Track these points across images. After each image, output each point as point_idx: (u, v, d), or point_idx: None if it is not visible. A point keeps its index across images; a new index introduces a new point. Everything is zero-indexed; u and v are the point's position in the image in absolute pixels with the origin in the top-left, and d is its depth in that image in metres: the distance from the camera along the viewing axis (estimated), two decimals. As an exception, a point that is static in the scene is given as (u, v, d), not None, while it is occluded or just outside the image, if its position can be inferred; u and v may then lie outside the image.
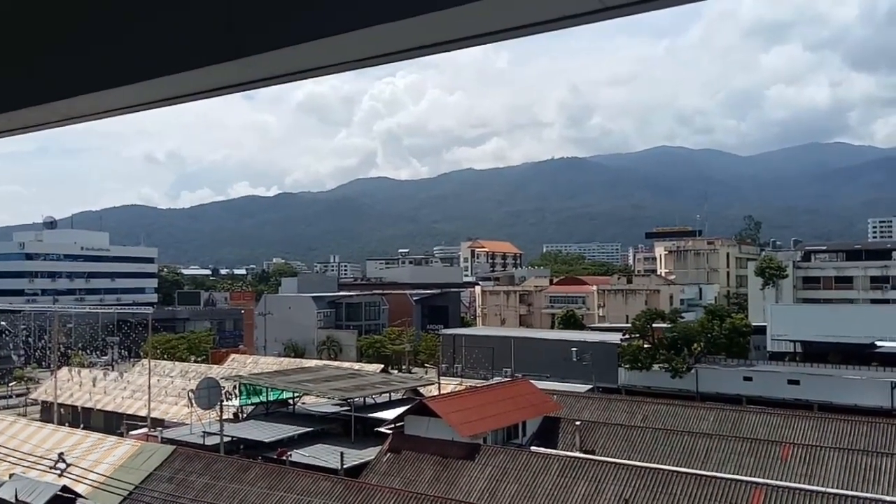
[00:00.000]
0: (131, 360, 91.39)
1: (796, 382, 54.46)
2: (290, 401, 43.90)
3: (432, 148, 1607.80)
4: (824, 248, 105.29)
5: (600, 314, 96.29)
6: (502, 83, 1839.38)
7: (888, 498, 26.25)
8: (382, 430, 35.91)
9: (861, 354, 58.86)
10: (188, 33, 2.33)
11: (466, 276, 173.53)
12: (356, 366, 61.38)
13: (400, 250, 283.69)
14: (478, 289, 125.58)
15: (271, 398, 43.51)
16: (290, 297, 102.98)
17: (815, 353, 62.06)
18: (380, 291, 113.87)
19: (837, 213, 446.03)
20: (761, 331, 68.97)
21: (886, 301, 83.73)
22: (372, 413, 39.30)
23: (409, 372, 77.70)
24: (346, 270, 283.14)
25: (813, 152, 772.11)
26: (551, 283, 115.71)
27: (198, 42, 2.31)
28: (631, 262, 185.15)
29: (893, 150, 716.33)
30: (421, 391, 45.92)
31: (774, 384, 55.03)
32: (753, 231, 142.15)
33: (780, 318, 70.28)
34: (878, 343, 59.87)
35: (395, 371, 70.99)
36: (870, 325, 64.20)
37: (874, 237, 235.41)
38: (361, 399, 40.50)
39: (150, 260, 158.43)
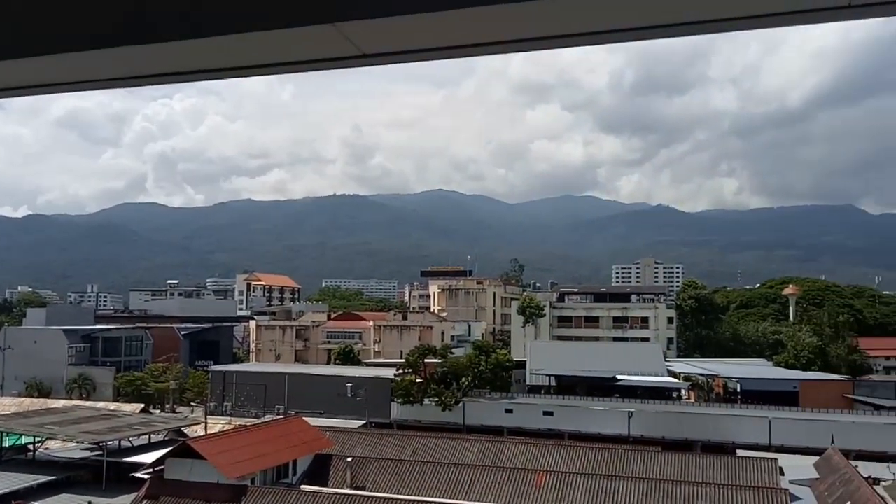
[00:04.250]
0: None
1: (550, 413, 59.15)
2: (31, 446, 39.32)
3: (209, 175, 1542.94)
4: (576, 290, 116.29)
5: (376, 349, 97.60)
6: (286, 116, 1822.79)
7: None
8: (139, 475, 33.42)
9: (605, 387, 65.52)
10: None
11: (241, 309, 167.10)
12: (112, 406, 56.78)
13: (168, 281, 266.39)
14: (252, 323, 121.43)
15: (7, 444, 38.73)
16: (37, 329, 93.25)
17: (567, 385, 68.02)
18: (143, 325, 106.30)
19: (587, 260, 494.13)
20: (522, 365, 74.24)
21: (626, 339, 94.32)
22: (128, 457, 36.60)
23: (174, 411, 72.75)
24: (105, 301, 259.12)
25: (568, 204, 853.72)
26: (329, 318, 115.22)
27: None
28: (407, 298, 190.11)
29: (634, 206, 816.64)
30: (185, 432, 43.44)
31: (532, 415, 59.28)
32: (517, 273, 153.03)
33: (538, 354, 76.26)
34: (619, 377, 67.14)
35: (158, 411, 66.35)
36: (612, 361, 71.96)
37: (617, 282, 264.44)
38: (116, 442, 37.45)
39: None
